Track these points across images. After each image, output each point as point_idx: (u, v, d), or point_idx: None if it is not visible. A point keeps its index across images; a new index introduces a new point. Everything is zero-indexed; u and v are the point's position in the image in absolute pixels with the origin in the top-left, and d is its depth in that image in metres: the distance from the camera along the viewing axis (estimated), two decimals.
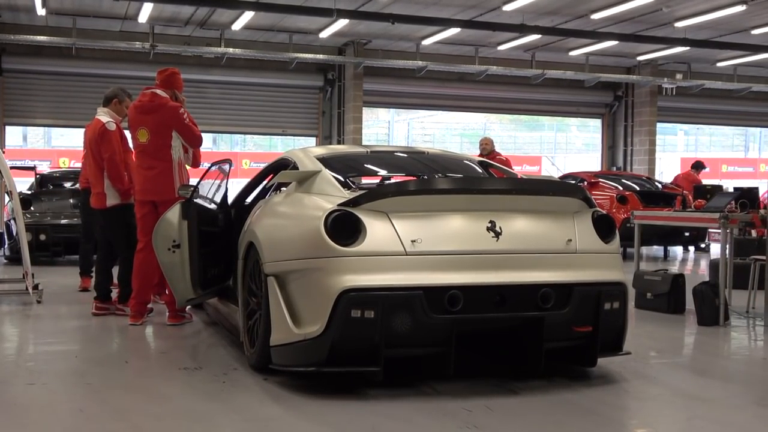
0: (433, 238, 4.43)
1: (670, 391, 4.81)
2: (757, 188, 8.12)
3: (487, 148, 11.64)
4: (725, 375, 5.48)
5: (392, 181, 6.12)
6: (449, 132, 37.01)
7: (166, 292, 6.67)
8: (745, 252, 9.29)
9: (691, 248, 15.96)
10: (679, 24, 16.61)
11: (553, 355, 4.79)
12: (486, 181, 5.36)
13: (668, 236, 13.51)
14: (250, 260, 5.17)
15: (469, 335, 4.68)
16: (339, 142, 19.81)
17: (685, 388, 4.96)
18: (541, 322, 4.51)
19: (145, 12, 15.91)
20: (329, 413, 4.15)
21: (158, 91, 6.72)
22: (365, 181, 6.79)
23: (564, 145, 38.60)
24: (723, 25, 16.84)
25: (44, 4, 15.30)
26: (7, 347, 5.98)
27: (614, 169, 22.05)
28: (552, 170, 29.83)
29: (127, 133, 7.12)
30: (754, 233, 11.00)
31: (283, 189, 5.74)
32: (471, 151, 32.58)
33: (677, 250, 15.90)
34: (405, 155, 6.32)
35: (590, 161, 26.52)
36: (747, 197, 7.77)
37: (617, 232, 4.98)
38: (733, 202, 7.81)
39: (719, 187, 9.37)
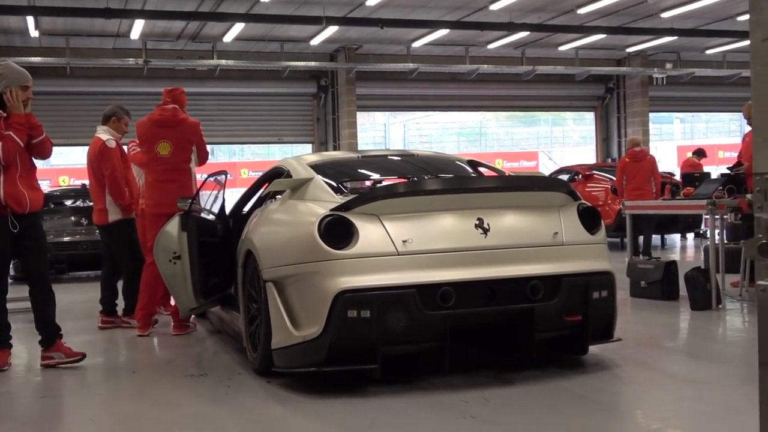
0: (424, 237, 4.57)
1: (661, 375, 4.96)
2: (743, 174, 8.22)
3: None
4: (716, 357, 5.63)
5: (383, 184, 6.27)
6: (446, 132, 37.10)
7: (171, 303, 6.82)
8: (740, 236, 9.42)
9: (690, 235, 16.12)
10: (665, 14, 16.78)
11: (546, 344, 4.94)
12: (472, 180, 5.53)
13: (664, 224, 13.65)
14: (249, 268, 5.32)
15: (463, 330, 4.83)
16: (335, 148, 19.98)
17: (676, 371, 5.11)
18: (532, 314, 4.65)
19: (137, 28, 16.08)
20: (331, 411, 4.30)
21: (177, 107, 6.94)
22: (358, 185, 6.94)
23: (561, 139, 38.69)
24: (709, 13, 17.00)
25: (37, 26, 15.50)
26: (16, 363, 6.10)
27: (609, 160, 22.19)
28: (549, 165, 29.97)
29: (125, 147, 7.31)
30: None
31: (278, 197, 5.89)
32: (468, 149, 32.75)
33: (675, 238, 16.05)
34: (395, 158, 6.48)
35: (587, 154, 26.64)
36: (734, 183, 7.93)
37: (603, 223, 5.13)
38: (721, 188, 7.96)
39: (707, 174, 9.52)
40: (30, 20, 15.10)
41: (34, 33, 15.85)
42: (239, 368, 5.36)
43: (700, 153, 16.63)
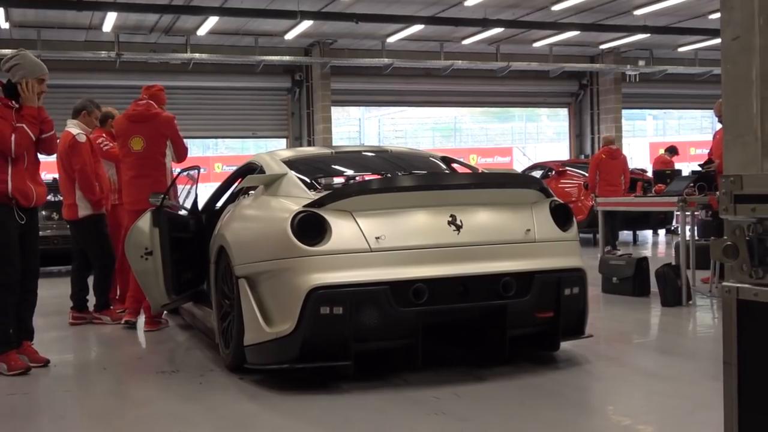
0: (397, 234, 4.58)
1: (631, 371, 5.01)
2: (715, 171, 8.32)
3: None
4: (685, 353, 5.69)
5: (356, 180, 6.27)
6: (421, 127, 37.09)
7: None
8: (711, 233, 9.53)
9: (661, 232, 16.27)
10: (638, 12, 16.92)
11: (518, 341, 4.97)
12: (445, 177, 5.54)
13: (636, 221, 13.79)
14: (222, 264, 5.30)
15: (436, 326, 4.85)
16: (309, 143, 19.93)
17: (646, 367, 5.16)
18: (504, 310, 4.67)
19: (110, 21, 15.93)
20: (303, 408, 4.30)
21: (152, 102, 6.90)
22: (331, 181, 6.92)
23: (535, 134, 38.82)
24: (681, 11, 17.15)
25: (8, 17, 15.30)
26: None
27: (582, 157, 22.33)
28: (523, 160, 30.10)
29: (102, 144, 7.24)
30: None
31: (252, 193, 5.87)
32: (443, 144, 32.81)
33: (647, 234, 16.19)
34: (369, 154, 6.48)
35: (561, 150, 26.77)
36: (705, 180, 8.01)
37: (574, 220, 5.16)
38: (692, 185, 8.04)
39: (678, 171, 9.62)
40: (0, 12, 14.90)
41: (4, 25, 15.65)
42: (211, 365, 5.34)
43: (672, 150, 16.83)
